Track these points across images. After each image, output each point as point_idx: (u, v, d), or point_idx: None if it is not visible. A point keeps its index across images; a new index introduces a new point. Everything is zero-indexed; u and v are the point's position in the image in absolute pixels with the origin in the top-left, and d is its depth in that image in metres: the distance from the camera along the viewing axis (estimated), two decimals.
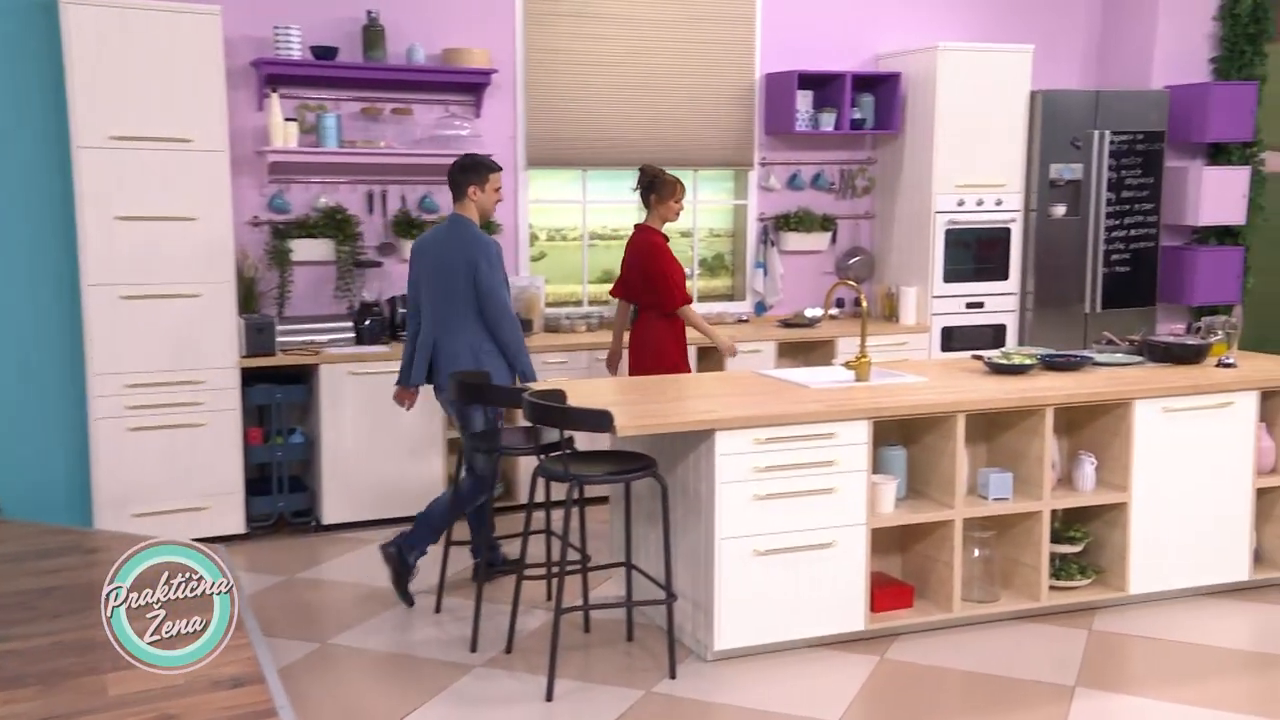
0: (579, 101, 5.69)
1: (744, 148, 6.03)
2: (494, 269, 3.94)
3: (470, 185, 4.06)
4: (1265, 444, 4.11)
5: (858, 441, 3.56)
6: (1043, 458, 3.80)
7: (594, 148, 5.74)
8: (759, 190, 6.13)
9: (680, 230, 6.23)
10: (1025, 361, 4.17)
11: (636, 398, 3.78)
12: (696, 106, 5.90)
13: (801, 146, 6.15)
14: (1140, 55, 6.47)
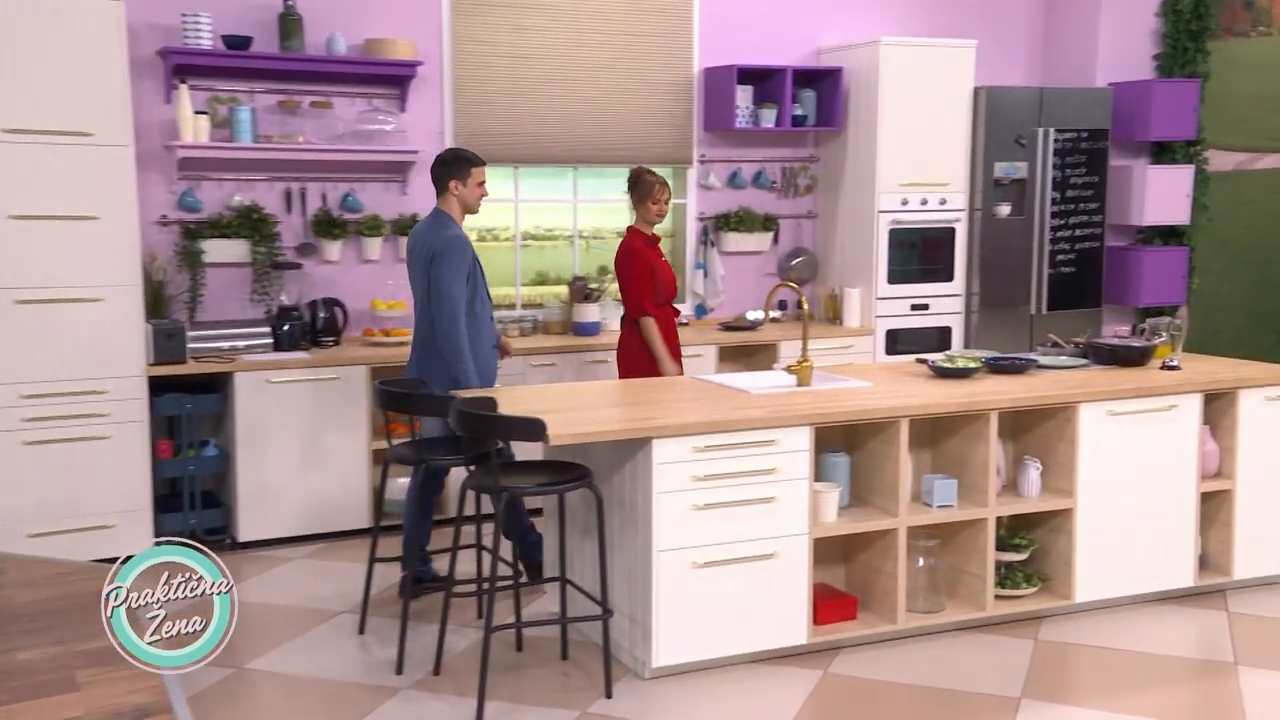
0: (510, 96, 5.68)
1: (682, 145, 6.06)
2: (451, 268, 3.94)
3: (451, 179, 4.10)
4: (1209, 447, 4.23)
5: (799, 448, 3.59)
6: (988, 463, 3.87)
7: (526, 144, 5.72)
8: (698, 189, 6.16)
9: (616, 231, 6.24)
10: (969, 365, 4.25)
11: (571, 405, 3.78)
12: (633, 101, 5.92)
13: (742, 143, 6.20)
14: (1084, 51, 6.63)
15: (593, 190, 6.08)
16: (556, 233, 6.07)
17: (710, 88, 6.03)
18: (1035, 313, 6.25)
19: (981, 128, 6.06)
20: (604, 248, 6.19)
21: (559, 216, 6.05)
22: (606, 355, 5.42)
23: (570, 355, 5.38)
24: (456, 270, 3.96)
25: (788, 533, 3.61)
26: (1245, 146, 7.08)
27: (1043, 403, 3.93)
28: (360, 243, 5.44)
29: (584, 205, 6.05)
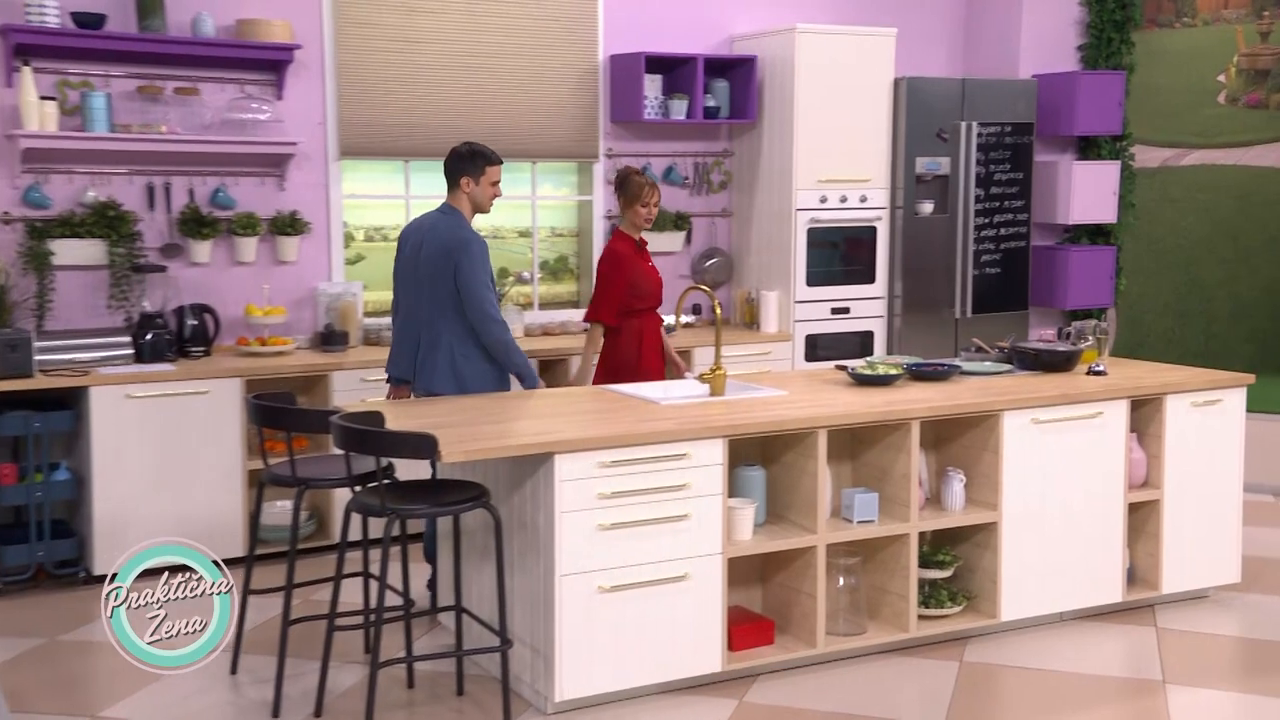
0: (400, 84, 5.62)
1: (587, 138, 6.07)
2: (476, 267, 4.07)
3: (464, 175, 4.21)
4: (1136, 456, 4.37)
5: (712, 462, 3.62)
6: (909, 475, 3.95)
7: (417, 136, 5.67)
8: (605, 185, 6.16)
9: (519, 230, 6.23)
10: (890, 372, 4.33)
11: (466, 419, 3.75)
12: (533, 91, 5.91)
13: (651, 136, 6.22)
14: (1006, 41, 6.82)
15: None
16: None
17: (617, 77, 6.05)
18: (960, 316, 6.40)
19: (902, 121, 6.19)
20: (504, 248, 6.17)
21: None
22: None
23: None
24: (485, 269, 4.11)
25: (700, 553, 3.63)
26: (1171, 142, 7.36)
27: (966, 411, 4.03)
28: (233, 243, 5.33)
29: None
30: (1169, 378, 4.48)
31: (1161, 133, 7.28)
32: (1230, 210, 7.51)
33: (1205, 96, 7.45)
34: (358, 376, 5.12)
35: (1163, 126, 7.28)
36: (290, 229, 5.40)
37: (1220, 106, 7.50)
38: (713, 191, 6.46)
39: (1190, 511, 4.45)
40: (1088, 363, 4.55)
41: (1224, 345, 7.48)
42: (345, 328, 5.43)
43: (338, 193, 5.58)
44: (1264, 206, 7.57)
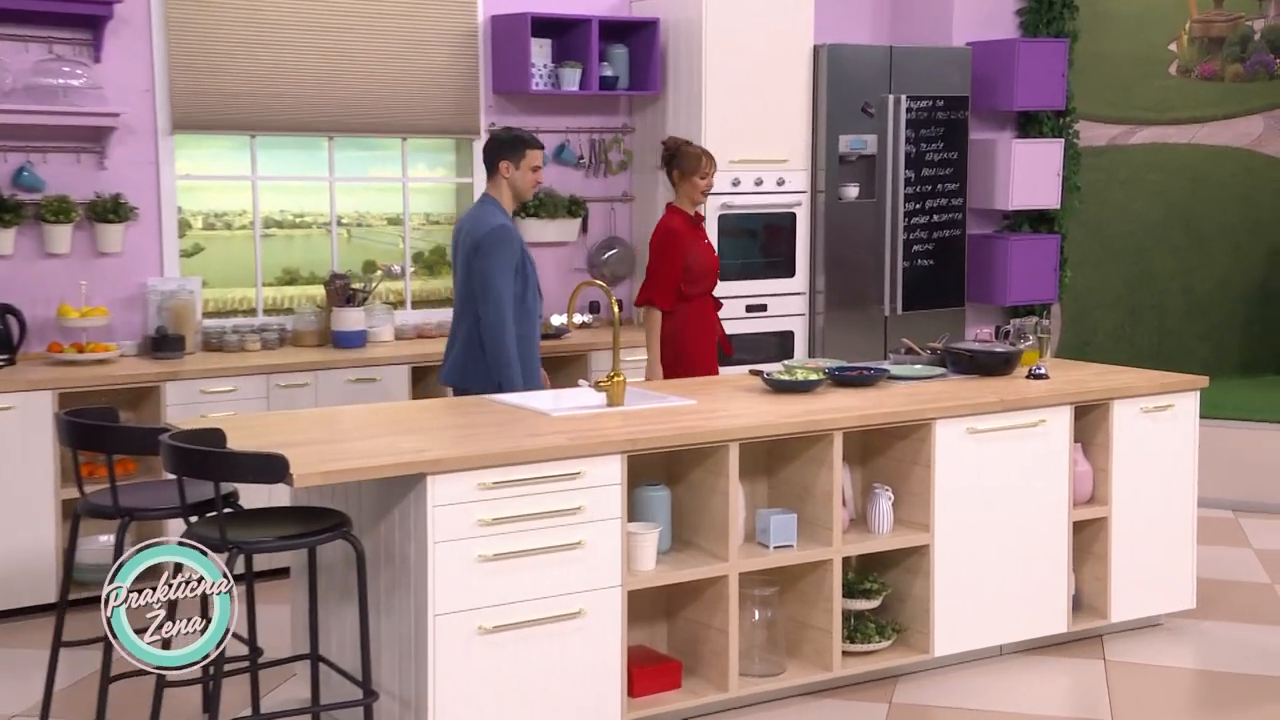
0: (244, 47, 5.54)
1: (466, 111, 6.04)
2: (496, 263, 4.34)
3: (503, 160, 4.51)
4: (1081, 468, 4.49)
5: (610, 482, 3.63)
6: (832, 494, 4.00)
7: (265, 108, 5.60)
8: None
9: (388, 217, 6.18)
10: (810, 377, 4.39)
11: (325, 435, 3.70)
12: (402, 56, 5.87)
13: (540, 110, 6.22)
14: (938, 5, 6.97)
15: (354, 166, 6.01)
16: (308, 219, 5.96)
17: (499, 41, 6.04)
18: (890, 313, 6.51)
19: (823, 94, 6.28)
20: (370, 237, 6.11)
21: (311, 199, 5.93)
22: (376, 372, 5.35)
23: (328, 373, 5.30)
24: (503, 264, 4.35)
25: (597, 585, 3.63)
26: (1119, 118, 7.59)
27: (894, 420, 4.10)
28: (42, 231, 5.20)
29: (343, 185, 5.97)
30: (1116, 381, 4.62)
31: (1108, 107, 7.52)
32: (1183, 193, 7.79)
33: (1155, 67, 7.70)
34: (196, 388, 5.03)
35: (1110, 100, 7.51)
36: (113, 215, 5.28)
37: (1171, 78, 7.77)
38: (612, 173, 6.48)
39: (1140, 530, 4.58)
40: (1028, 365, 4.66)
41: (1178, 344, 7.74)
42: (181, 331, 5.33)
43: (170, 173, 5.48)
44: (1219, 189, 7.87)
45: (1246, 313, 7.97)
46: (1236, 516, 6.28)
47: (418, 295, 6.19)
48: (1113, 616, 4.55)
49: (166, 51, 5.40)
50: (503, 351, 4.38)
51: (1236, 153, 7.92)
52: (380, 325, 5.75)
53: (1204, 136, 7.85)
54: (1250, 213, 7.92)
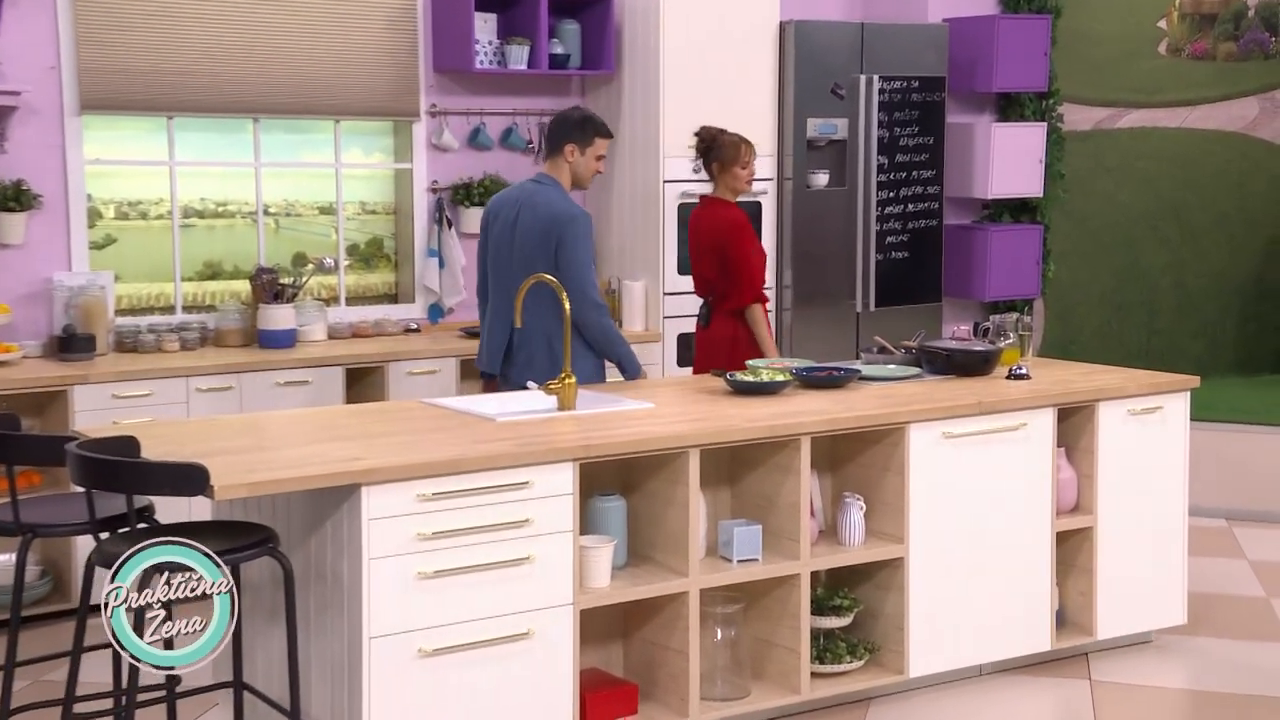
0: (159, 19, 5.51)
1: (405, 91, 6.04)
2: (580, 245, 4.49)
3: (569, 143, 4.62)
4: (1065, 475, 4.53)
5: (560, 492, 3.63)
6: (799, 503, 4.02)
7: (184, 86, 5.58)
8: (429, 150, 6.15)
9: (319, 205, 6.15)
10: (776, 378, 4.41)
11: (251, 443, 3.69)
12: (335, 31, 5.86)
13: (485, 90, 6.22)
14: None
15: (282, 150, 5.98)
16: (232, 208, 5.92)
17: (439, 15, 6.03)
18: (862, 309, 6.55)
19: (790, 74, 6.31)
20: (299, 227, 6.08)
21: (235, 186, 5.90)
22: (306, 374, 5.33)
23: (254, 376, 5.28)
24: (589, 247, 4.51)
25: (547, 604, 3.63)
26: (1105, 100, 7.67)
27: (866, 424, 4.12)
28: None
29: (271, 170, 5.95)
30: (1101, 381, 4.67)
31: (1094, 89, 7.59)
32: (1174, 182, 7.88)
33: (1144, 45, 7.79)
34: (108, 392, 4.99)
35: (1095, 81, 7.59)
36: (14, 203, 5.23)
37: (1161, 58, 7.86)
38: None
39: (1128, 541, 4.63)
40: (1009, 364, 4.70)
41: (1169, 342, 7.83)
42: (91, 330, 5.29)
43: (78, 157, 5.43)
44: (1213, 177, 7.96)
45: (1241, 308, 8.06)
46: (1230, 526, 6.35)
47: (352, 291, 6.17)
48: (1099, 633, 4.59)
49: (73, 24, 5.35)
50: (609, 335, 4.56)
51: (1230, 137, 8.01)
52: (311, 324, 5.72)
53: (1196, 120, 7.93)
54: (1245, 202, 8.01)
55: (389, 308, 6.18)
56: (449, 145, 6.16)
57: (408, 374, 5.54)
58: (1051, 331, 7.44)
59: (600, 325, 4.54)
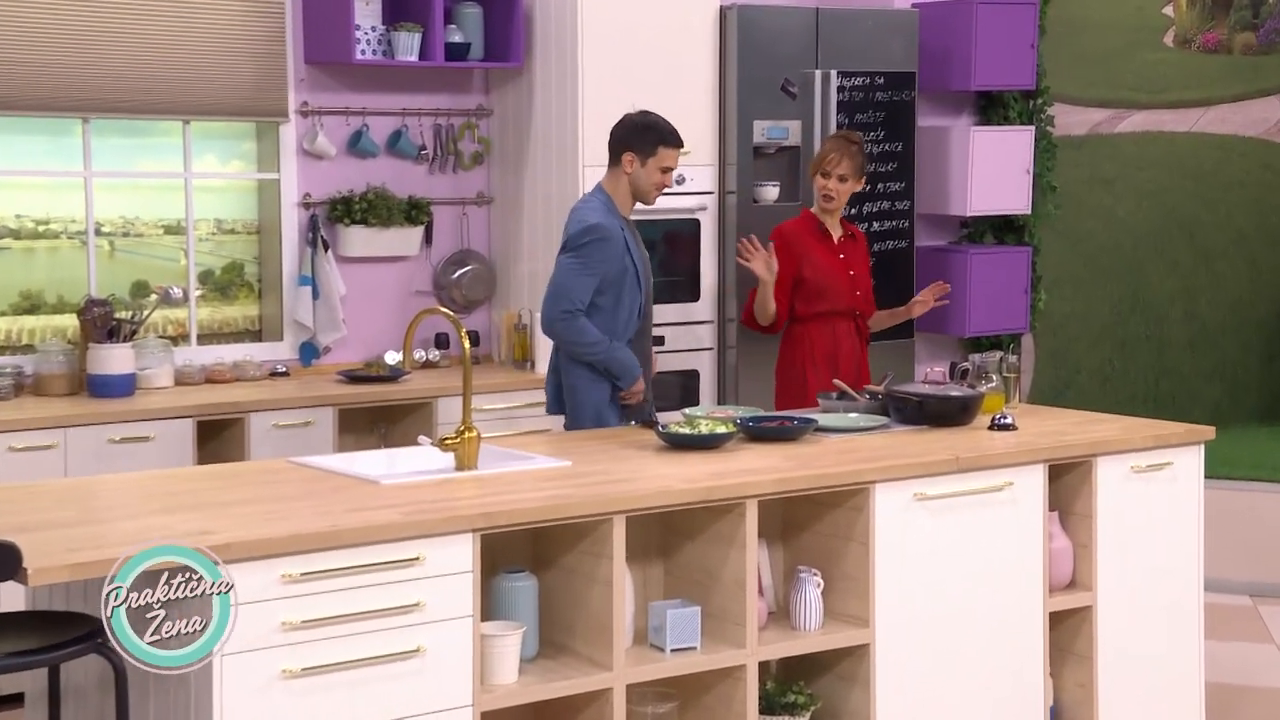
0: None
1: (269, 86, 6.03)
2: (578, 256, 4.82)
3: (629, 151, 4.90)
4: (1059, 544, 4.55)
5: (458, 569, 3.61)
6: (744, 580, 4.01)
7: (7, 81, 5.54)
8: (300, 157, 6.15)
9: (165, 224, 6.11)
10: (718, 430, 4.41)
11: (76, 514, 3.63)
12: (184, 13, 5.85)
13: (368, 86, 6.22)
14: None
15: (119, 158, 5.96)
16: (56, 226, 5.88)
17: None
18: None
19: (733, 68, 6.36)
20: (140, 250, 6.03)
21: (60, 200, 5.85)
22: (148, 428, 5.29)
23: (82, 431, 5.26)
24: (589, 260, 4.82)
25: (441, 705, 3.60)
26: (1102, 100, 7.81)
27: (823, 484, 4.13)
28: None
29: (104, 182, 5.93)
30: (1100, 432, 4.71)
31: (1090, 87, 7.74)
32: (1184, 195, 8.04)
33: (1147, 35, 7.96)
34: None
35: (1091, 78, 7.74)
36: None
37: (1167, 50, 8.03)
38: (463, 168, 6.49)
39: (1134, 622, 4.66)
40: (991, 413, 4.73)
41: (1181, 385, 7.96)
42: None
43: None
44: (1229, 190, 8.13)
45: (1264, 345, 8.19)
46: (1255, 603, 6.42)
47: (206, 327, 6.14)
48: None
49: None
50: (577, 341, 4.86)
51: (1249, 143, 8.18)
52: (155, 367, 5.67)
53: (1208, 123, 8.08)
54: (1267, 219, 8.16)
55: (251, 347, 6.14)
56: (324, 151, 6.14)
57: (273, 427, 5.51)
58: (1042, 373, 7.53)
59: (565, 334, 4.87)
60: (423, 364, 6.24)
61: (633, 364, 4.93)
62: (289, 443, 5.42)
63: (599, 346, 4.87)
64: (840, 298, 5.44)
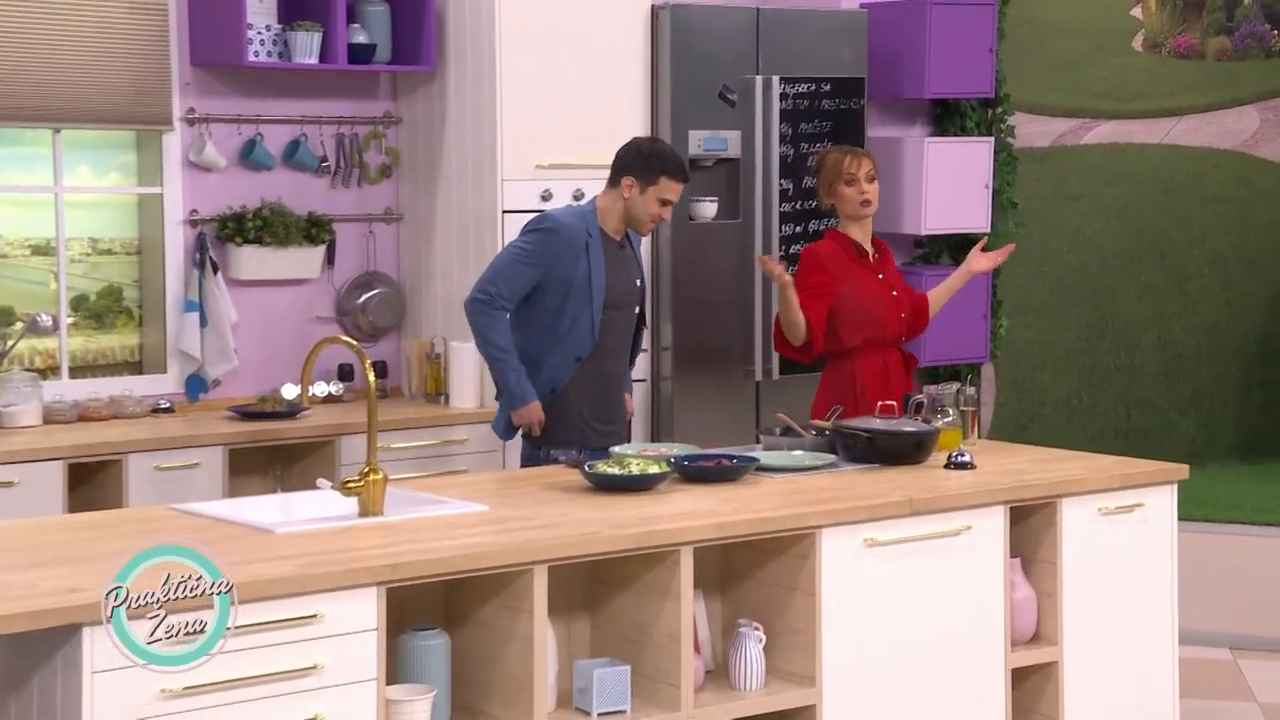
0: None
1: (151, 91, 6.00)
2: (520, 244, 5.10)
3: (628, 176, 5.07)
4: (1021, 594, 4.55)
5: (360, 627, 3.58)
6: (679, 635, 3.99)
7: None
8: (185, 169, 6.11)
9: (33, 244, 6.05)
10: (649, 470, 4.40)
11: None
12: (53, 13, 5.81)
13: (263, 90, 6.21)
14: None
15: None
16: None
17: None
18: (762, 378, 6.60)
19: (666, 73, 6.37)
20: (4, 273, 6.02)
21: None
22: (10, 472, 5.25)
23: None
24: (526, 259, 5.05)
25: None
26: (1068, 109, 7.88)
27: (765, 530, 4.12)
28: None
29: None
30: (1066, 471, 4.74)
31: (1053, 95, 7.81)
32: (1156, 212, 8.12)
33: (1114, 39, 8.05)
34: None
35: (1055, 85, 7.81)
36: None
37: (1136, 55, 8.12)
38: (369, 181, 6.47)
39: (1104, 679, 4.67)
40: (948, 450, 4.74)
41: (1154, 418, 8.02)
42: None
43: None
44: (1203, 206, 8.22)
45: (1243, 375, 8.27)
46: (1235, 656, 6.46)
47: (79, 358, 6.10)
48: None
49: None
50: (479, 335, 5.08)
51: (1225, 156, 8.27)
52: (20, 403, 5.60)
53: (1181, 134, 8.17)
54: (1245, 238, 8.24)
55: (131, 380, 6.09)
56: (213, 163, 6.10)
57: (155, 470, 5.46)
58: (1005, 406, 7.57)
59: (474, 319, 5.07)
60: (324, 398, 6.20)
61: (524, 394, 5.04)
62: (172, 487, 5.37)
63: (502, 354, 5.04)
64: (889, 324, 5.33)
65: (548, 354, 5.10)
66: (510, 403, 5.07)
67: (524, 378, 5.03)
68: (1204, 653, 6.30)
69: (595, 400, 5.14)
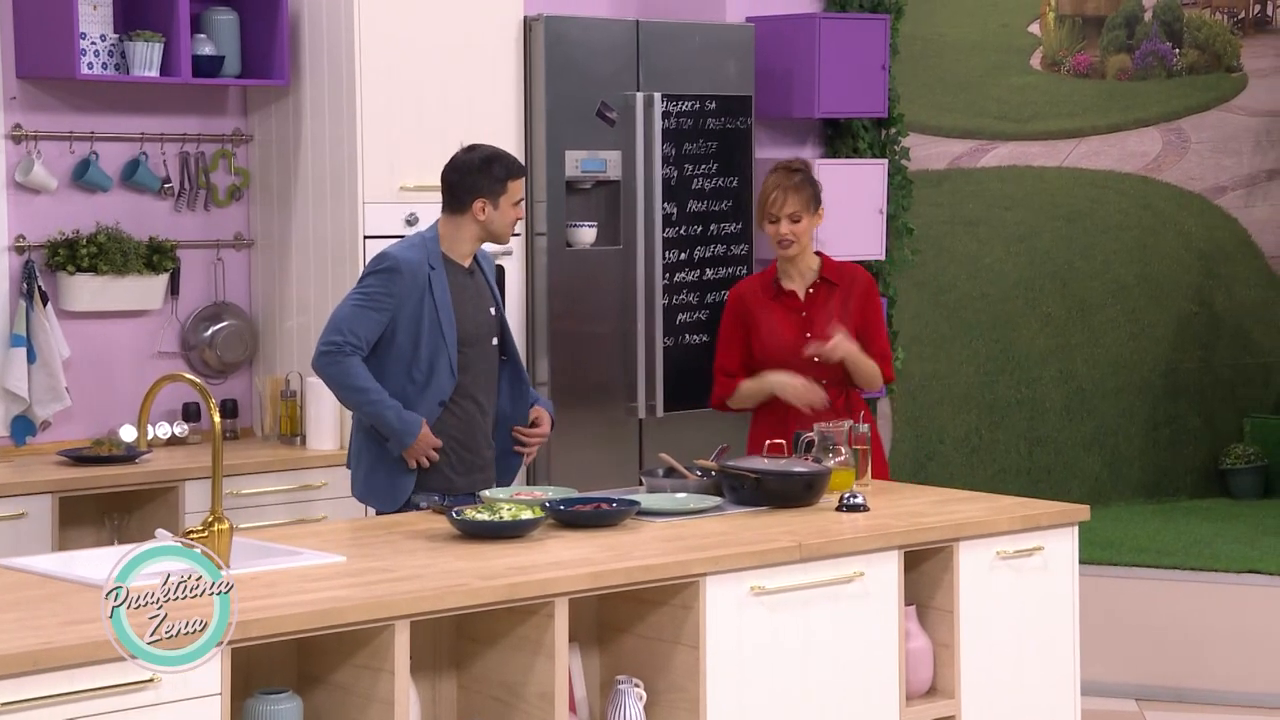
0: None
1: None
2: (361, 288, 5.02)
3: (478, 200, 4.99)
4: (917, 644, 4.57)
5: (203, 692, 3.54)
6: (552, 694, 3.97)
7: None
8: (11, 190, 6.04)
9: None
10: (521, 515, 4.38)
11: None
12: None
13: (98, 106, 6.16)
14: None
15: None
16: None
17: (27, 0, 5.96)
18: (645, 414, 6.59)
19: (540, 89, 6.37)
20: None
21: None
22: None
23: None
24: (375, 294, 4.97)
25: None
26: (964, 130, 7.96)
27: (645, 579, 4.11)
28: None
29: None
30: (962, 513, 4.77)
31: (949, 114, 7.89)
32: (1057, 239, 8.22)
33: (1012, 57, 8.15)
34: None
35: (951, 104, 7.89)
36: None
37: (1034, 73, 8.23)
38: (217, 204, 6.43)
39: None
40: (840, 491, 4.76)
41: (1056, 456, 8.11)
42: None
43: None
44: (1106, 233, 8.33)
45: (1148, 411, 8.39)
46: (1141, 708, 6.53)
47: None
48: None
49: None
50: (338, 384, 5.00)
51: (1127, 180, 8.40)
52: None
53: (1082, 157, 8.29)
54: (1150, 267, 8.36)
55: None
56: (42, 184, 6.01)
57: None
58: (901, 443, 7.61)
59: (326, 371, 4.99)
60: (166, 441, 6.11)
61: (410, 422, 4.94)
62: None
63: (369, 395, 4.94)
64: (797, 369, 5.26)
65: (411, 403, 4.98)
66: (400, 441, 4.95)
67: (402, 410, 4.94)
68: (1108, 704, 6.37)
69: (460, 443, 5.06)
